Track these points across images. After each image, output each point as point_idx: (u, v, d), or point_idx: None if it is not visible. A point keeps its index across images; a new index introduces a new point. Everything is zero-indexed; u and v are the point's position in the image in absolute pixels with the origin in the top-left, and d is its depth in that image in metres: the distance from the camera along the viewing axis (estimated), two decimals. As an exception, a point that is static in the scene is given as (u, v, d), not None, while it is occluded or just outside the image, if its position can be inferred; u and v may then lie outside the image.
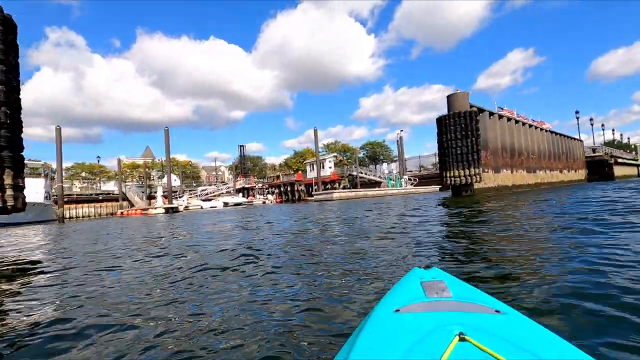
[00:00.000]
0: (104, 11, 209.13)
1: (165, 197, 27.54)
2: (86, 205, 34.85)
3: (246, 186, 46.24)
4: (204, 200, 36.69)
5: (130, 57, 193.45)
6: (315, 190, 32.81)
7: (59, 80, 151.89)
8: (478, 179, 14.53)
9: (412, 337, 0.69)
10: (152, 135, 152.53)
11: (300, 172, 47.73)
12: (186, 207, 32.55)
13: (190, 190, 41.67)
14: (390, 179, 34.70)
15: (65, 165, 62.41)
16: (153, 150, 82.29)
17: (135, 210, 28.67)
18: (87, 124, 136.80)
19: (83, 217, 33.89)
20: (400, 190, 32.16)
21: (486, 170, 15.37)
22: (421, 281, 1.01)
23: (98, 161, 49.71)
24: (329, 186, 39.80)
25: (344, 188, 38.34)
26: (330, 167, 43.49)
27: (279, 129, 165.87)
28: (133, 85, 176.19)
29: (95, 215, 34.99)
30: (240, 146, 53.42)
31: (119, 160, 38.40)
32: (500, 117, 18.15)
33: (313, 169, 46.74)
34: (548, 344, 0.68)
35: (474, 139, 14.52)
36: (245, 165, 53.17)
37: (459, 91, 15.39)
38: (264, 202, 38.63)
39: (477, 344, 0.61)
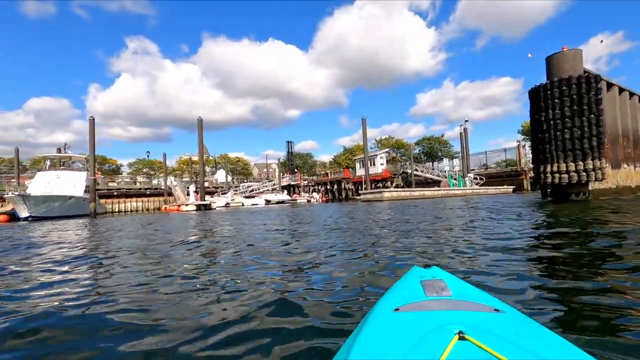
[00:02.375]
0: (174, 18, 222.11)
1: (197, 193, 25.35)
2: (134, 199, 34.35)
3: (292, 183, 43.50)
4: (246, 197, 34.44)
5: (196, 61, 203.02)
6: (364, 189, 28.77)
7: (136, 85, 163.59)
8: (599, 176, 9.56)
9: (412, 336, 0.68)
10: (212, 134, 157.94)
11: (348, 169, 43.87)
12: (227, 204, 30.42)
13: (235, 187, 39.81)
14: (452, 178, 29.39)
15: (129, 161, 65.25)
16: (209, 148, 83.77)
17: (177, 206, 26.97)
18: (158, 124, 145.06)
19: (131, 211, 33.36)
20: (465, 191, 26.86)
21: (605, 165, 10.27)
22: (421, 280, 1.00)
23: (147, 157, 50.22)
24: (379, 185, 35.45)
25: (396, 187, 33.78)
26: (381, 164, 39.08)
27: (334, 127, 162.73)
28: (199, 87, 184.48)
29: (142, 210, 34.38)
30: (288, 142, 50.97)
31: (164, 155, 37.66)
32: (622, 90, 12.69)
33: (362, 166, 42.64)
34: (548, 342, 0.67)
35: (593, 116, 9.58)
36: (292, 162, 50.55)
37: (566, 49, 10.47)
38: (308, 201, 35.42)
39: (477, 342, 0.60)
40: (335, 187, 38.64)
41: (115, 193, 33.46)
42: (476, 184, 30.38)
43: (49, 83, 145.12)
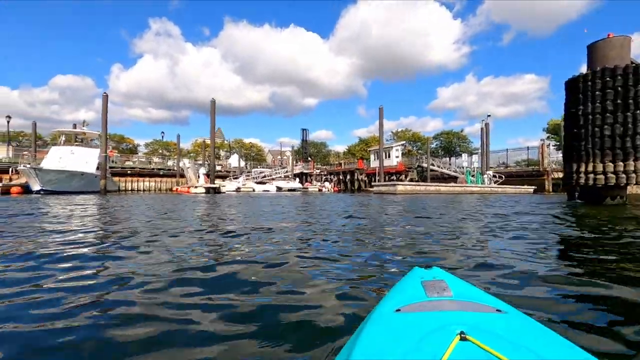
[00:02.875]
0: (197, 1, 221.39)
1: (207, 175, 24.97)
2: (147, 179, 34.42)
3: (305, 171, 42.91)
4: (257, 183, 34.06)
5: (217, 45, 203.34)
6: (377, 181, 27.88)
7: (157, 66, 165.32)
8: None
9: (413, 337, 0.68)
10: (229, 119, 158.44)
11: (362, 160, 42.93)
12: (238, 188, 30.10)
13: (247, 172, 39.47)
14: (470, 174, 28.20)
15: (145, 141, 65.85)
16: (225, 133, 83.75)
17: (187, 187, 26.77)
18: (178, 107, 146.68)
19: (143, 190, 33.45)
20: (483, 189, 25.70)
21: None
22: (422, 281, 1.00)
23: (162, 138, 50.40)
24: (393, 177, 34.51)
25: (410, 181, 32.79)
26: (397, 157, 38.10)
27: (351, 117, 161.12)
28: (218, 71, 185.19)
29: (155, 190, 34.45)
30: (303, 130, 50.24)
31: (178, 137, 37.63)
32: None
33: (377, 158, 41.60)
34: (549, 343, 0.67)
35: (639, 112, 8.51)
36: (306, 150, 49.86)
37: (612, 36, 9.33)
38: (320, 190, 34.80)
39: (479, 343, 0.60)
40: (348, 177, 37.85)
41: (129, 172, 33.52)
42: (495, 182, 29.10)
43: (74, 61, 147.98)
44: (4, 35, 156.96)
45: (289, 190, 32.83)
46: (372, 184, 26.08)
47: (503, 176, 30.32)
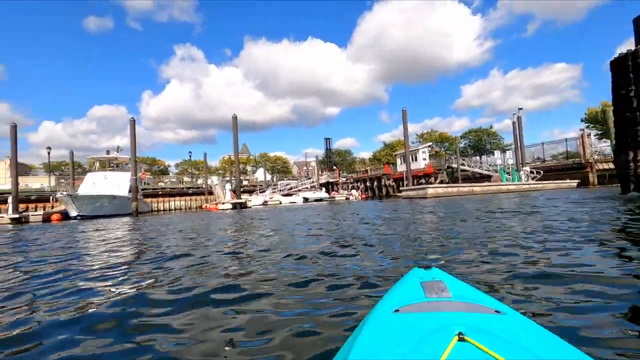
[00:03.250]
0: (218, 24, 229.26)
1: (234, 191, 25.04)
2: (178, 198, 35.18)
3: (330, 180, 42.44)
4: (284, 195, 33.92)
5: (238, 64, 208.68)
6: (406, 185, 26.95)
7: (183, 90, 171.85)
8: None
9: (412, 338, 0.68)
10: (253, 135, 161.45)
11: (388, 165, 41.94)
12: (265, 202, 30.07)
13: (274, 185, 39.54)
14: (505, 171, 26.66)
15: (175, 162, 67.95)
16: (250, 148, 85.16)
17: (215, 204, 27.01)
18: (204, 126, 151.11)
19: (175, 209, 34.17)
20: (521, 186, 24.15)
21: None
22: (421, 281, 1.00)
23: (190, 157, 51.62)
24: (422, 181, 33.33)
25: (441, 182, 31.51)
26: (424, 159, 36.83)
27: (373, 123, 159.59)
28: (240, 89, 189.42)
29: (185, 208, 35.12)
30: (326, 139, 49.92)
31: (205, 155, 38.27)
32: None
33: (404, 162, 40.47)
34: (548, 344, 0.67)
35: None
36: (331, 159, 49.46)
37: (663, 6, 8.33)
38: (347, 198, 34.16)
39: (477, 344, 0.60)
40: (375, 183, 36.97)
41: (160, 192, 34.44)
42: (532, 179, 27.34)
43: (109, 91, 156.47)
44: (48, 73, 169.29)
45: (316, 200, 32.42)
46: (401, 188, 25.20)
47: (541, 171, 28.47)
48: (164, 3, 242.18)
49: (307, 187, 38.46)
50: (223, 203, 24.83)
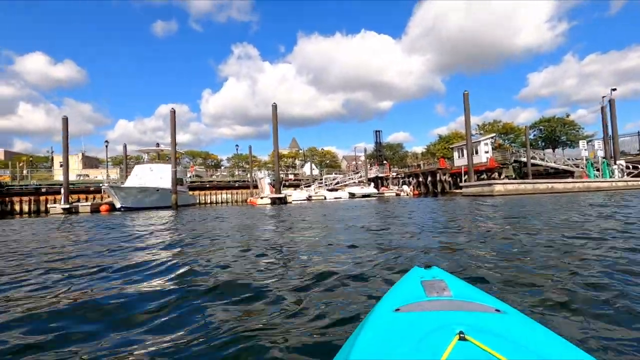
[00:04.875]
0: (272, 22, 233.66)
1: (272, 185, 23.54)
2: (224, 191, 34.91)
3: (380, 175, 39.65)
4: (329, 190, 31.96)
5: (292, 60, 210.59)
6: (465, 181, 23.57)
7: (239, 87, 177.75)
8: None
9: (412, 337, 0.67)
10: (304, 130, 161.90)
11: (444, 158, 38.07)
12: (309, 197, 28.38)
13: (320, 179, 37.79)
14: (593, 166, 22.04)
15: (227, 156, 69.40)
16: (299, 142, 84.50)
17: (255, 198, 25.90)
18: (259, 122, 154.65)
19: (221, 202, 33.93)
20: (615, 184, 19.64)
21: None
22: (421, 280, 0.99)
23: (237, 150, 51.84)
24: (484, 176, 29.39)
25: (505, 178, 27.41)
26: (486, 152, 32.62)
27: (428, 117, 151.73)
28: (293, 84, 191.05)
29: (231, 202, 34.76)
30: (376, 131, 47.05)
31: (250, 148, 37.61)
32: None
33: (462, 155, 36.31)
34: (548, 343, 0.66)
35: None
36: (381, 153, 46.48)
37: None
38: (397, 195, 31.27)
39: (478, 343, 0.60)
40: (430, 179, 33.54)
41: (207, 185, 34.39)
42: (628, 175, 22.35)
43: (174, 91, 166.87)
44: (122, 76, 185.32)
45: (363, 196, 30.01)
46: (460, 184, 21.88)
47: (638, 166, 23.24)
48: (223, 3, 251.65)
49: (354, 182, 36.11)
50: (262, 197, 23.49)
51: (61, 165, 50.64)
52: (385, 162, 45.82)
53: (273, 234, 5.76)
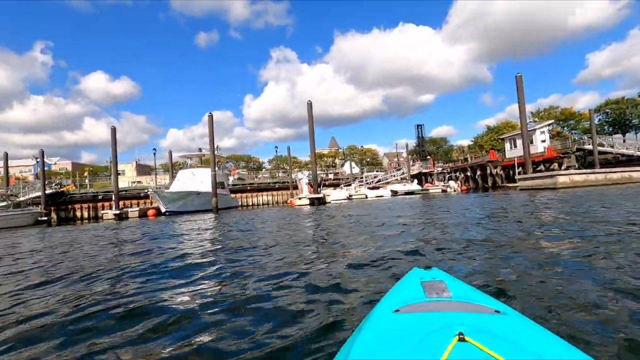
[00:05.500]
0: (308, 23, 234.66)
1: (310, 185, 22.80)
2: (265, 193, 34.97)
3: (424, 171, 37.59)
4: (370, 189, 30.71)
5: (329, 60, 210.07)
6: (519, 173, 21.23)
7: (279, 90, 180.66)
8: None
9: (412, 338, 0.67)
10: (343, 129, 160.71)
11: (494, 150, 35.17)
12: (349, 196, 27.41)
13: (360, 178, 36.61)
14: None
15: (268, 158, 70.11)
16: (339, 141, 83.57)
17: (293, 199, 25.44)
18: (299, 123, 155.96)
19: (262, 204, 34.04)
20: None
21: None
22: (421, 281, 0.98)
23: (276, 152, 52.10)
24: (541, 167, 26.50)
25: (567, 169, 24.44)
26: (542, 141, 29.67)
27: (473, 108, 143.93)
28: (331, 84, 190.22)
29: (272, 203, 34.74)
30: (418, 126, 44.81)
31: (288, 149, 37.36)
32: None
33: (515, 146, 33.23)
34: (547, 343, 0.66)
35: None
36: (423, 148, 44.20)
37: None
38: (443, 191, 29.28)
39: (477, 344, 0.60)
40: (478, 173, 31.03)
41: (248, 188, 34.67)
42: None
43: (218, 99, 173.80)
44: (172, 87, 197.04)
45: (406, 193, 28.42)
46: (516, 177, 19.68)
47: None
48: (259, 10, 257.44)
49: (396, 179, 34.50)
50: (300, 198, 22.89)
51: (119, 174, 54.47)
52: (428, 157, 43.47)
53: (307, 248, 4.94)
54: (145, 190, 24.84)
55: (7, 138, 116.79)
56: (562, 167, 26.34)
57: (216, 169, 24.15)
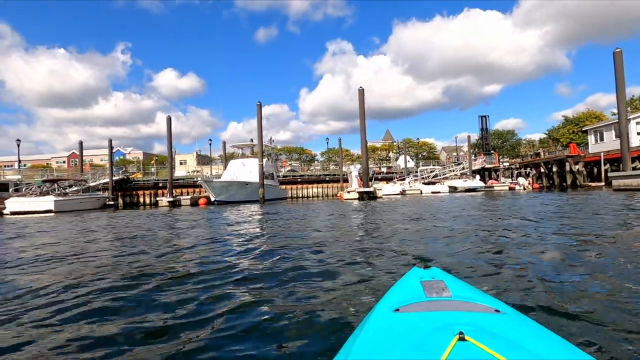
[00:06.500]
0: (367, 13, 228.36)
1: (360, 178, 21.20)
2: (315, 185, 34.20)
3: (487, 166, 33.95)
4: (426, 184, 28.31)
5: (386, 51, 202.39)
6: (616, 170, 17.60)
7: (334, 83, 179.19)
8: None
9: (412, 337, 0.67)
10: (400, 122, 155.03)
11: (574, 144, 30.48)
12: (403, 191, 25.47)
13: (415, 172, 34.16)
14: None
15: (321, 150, 69.79)
16: (394, 134, 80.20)
17: (342, 193, 24.19)
18: (353, 116, 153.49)
19: (312, 197, 33.34)
20: None
21: None
22: (421, 281, 0.98)
23: (327, 144, 51.16)
24: (636, 163, 22.07)
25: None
26: (638, 133, 25.01)
27: (546, 99, 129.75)
28: (388, 76, 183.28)
29: (322, 196, 33.89)
30: (482, 117, 40.50)
31: (339, 141, 36.04)
32: None
33: (601, 139, 28.42)
34: (548, 343, 0.65)
35: None
36: (487, 141, 40.00)
37: None
38: (511, 189, 25.93)
39: (477, 343, 0.60)
40: (555, 169, 26.98)
41: (298, 180, 34.15)
42: None
43: (275, 93, 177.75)
44: (233, 79, 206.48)
45: (467, 190, 25.66)
46: (610, 175, 16.27)
47: None
48: (318, 1, 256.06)
49: (456, 174, 31.52)
50: (349, 192, 21.50)
51: (181, 163, 57.66)
52: (492, 151, 39.31)
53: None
54: (195, 180, 25.26)
55: (93, 130, 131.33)
56: (665, 165, 21.69)
57: (265, 159, 23.76)
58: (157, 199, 23.98)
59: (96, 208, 22.26)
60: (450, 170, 33.31)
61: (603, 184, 23.14)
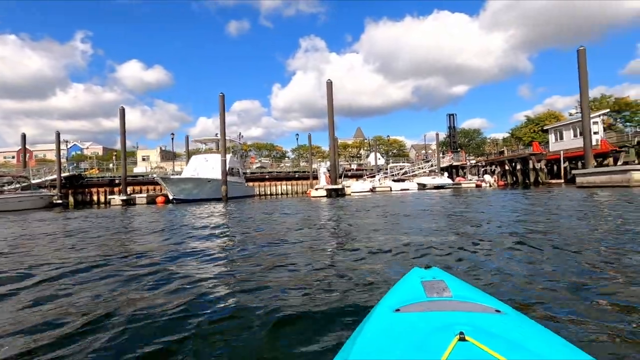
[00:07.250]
0: (340, 10, 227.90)
1: (329, 175, 20.44)
2: (284, 182, 33.04)
3: (455, 164, 34.34)
4: (395, 181, 28.04)
5: (358, 49, 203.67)
6: (574, 168, 17.96)
7: (306, 80, 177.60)
8: None
9: (412, 337, 0.67)
10: (370, 120, 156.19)
11: (537, 142, 31.39)
12: (373, 188, 24.98)
13: (385, 169, 33.90)
14: None
15: (292, 147, 68.43)
16: (365, 132, 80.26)
17: (313, 190, 23.31)
18: (325, 114, 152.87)
19: (280, 194, 32.19)
20: None
21: None
22: (421, 281, 0.97)
23: (297, 140, 50.19)
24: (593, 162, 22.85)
25: (624, 164, 20.78)
26: (595, 133, 25.78)
27: (509, 101, 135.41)
28: (360, 74, 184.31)
29: (291, 193, 32.82)
30: (449, 115, 41.11)
31: (309, 137, 35.10)
32: None
33: (560, 138, 29.39)
34: (548, 343, 0.65)
35: None
36: (455, 139, 40.63)
37: None
38: (478, 186, 26.15)
39: (478, 343, 0.59)
40: (518, 167, 27.57)
41: (266, 176, 32.89)
42: None
43: (246, 88, 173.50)
44: (202, 76, 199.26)
45: (435, 187, 25.60)
46: (574, 172, 16.49)
47: None
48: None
49: (425, 172, 31.56)
50: (316, 189, 20.64)
51: (144, 159, 54.39)
52: (459, 149, 39.95)
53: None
54: (152, 176, 23.37)
55: (50, 124, 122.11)
56: (619, 163, 22.66)
57: (230, 155, 22.35)
58: (109, 197, 21.91)
59: (39, 207, 19.95)
60: (419, 168, 33.35)
61: (563, 181, 23.81)
